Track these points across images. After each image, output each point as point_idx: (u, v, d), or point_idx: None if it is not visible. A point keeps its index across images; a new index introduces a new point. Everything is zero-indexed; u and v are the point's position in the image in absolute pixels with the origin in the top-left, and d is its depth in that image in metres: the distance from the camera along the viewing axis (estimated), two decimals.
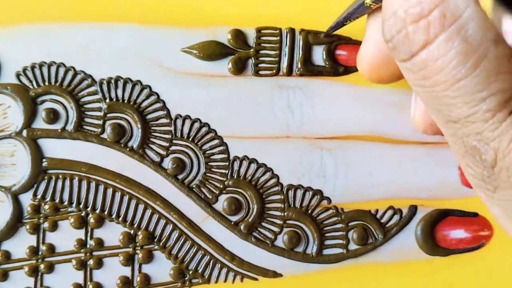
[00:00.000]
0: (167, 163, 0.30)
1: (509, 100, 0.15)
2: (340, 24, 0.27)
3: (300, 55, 0.30)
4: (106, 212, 0.30)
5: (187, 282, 0.30)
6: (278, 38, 0.30)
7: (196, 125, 0.30)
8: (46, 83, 0.30)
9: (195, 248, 0.30)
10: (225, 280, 0.30)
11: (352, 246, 0.30)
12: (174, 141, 0.30)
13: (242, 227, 0.30)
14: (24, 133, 0.30)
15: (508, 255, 0.31)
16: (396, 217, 0.30)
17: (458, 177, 0.30)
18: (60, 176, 0.30)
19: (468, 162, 0.16)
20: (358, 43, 0.30)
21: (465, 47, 0.15)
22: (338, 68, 0.30)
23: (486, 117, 0.15)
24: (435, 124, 0.19)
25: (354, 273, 0.30)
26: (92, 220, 0.30)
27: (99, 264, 0.30)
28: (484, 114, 0.15)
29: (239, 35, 0.30)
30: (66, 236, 0.30)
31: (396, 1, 0.16)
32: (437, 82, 0.16)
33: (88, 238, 0.30)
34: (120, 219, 0.30)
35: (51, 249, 0.30)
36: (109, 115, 0.30)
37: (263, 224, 0.30)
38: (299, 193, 0.30)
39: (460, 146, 0.16)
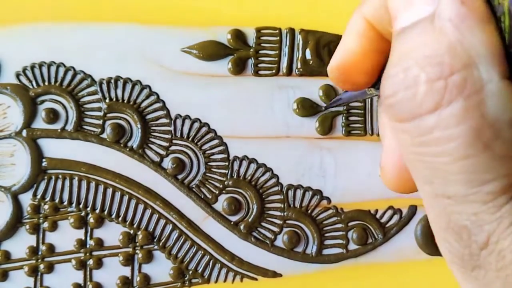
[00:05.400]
0: (167, 163, 0.30)
1: None
2: (344, 102, 0.27)
3: (300, 55, 0.30)
4: (106, 212, 0.30)
5: (187, 282, 0.30)
6: (278, 38, 0.30)
7: (196, 125, 0.30)
8: (46, 83, 0.30)
9: (195, 248, 0.30)
10: (225, 280, 0.30)
11: (352, 246, 0.30)
12: (174, 141, 0.30)
13: (242, 227, 0.30)
14: (24, 133, 0.30)
15: None
16: (396, 217, 0.30)
17: None
18: (60, 176, 0.30)
19: (448, 238, 0.15)
20: None
21: (480, 123, 0.13)
22: None
23: (486, 199, 0.14)
24: (413, 183, 0.17)
25: (354, 273, 0.30)
26: (92, 220, 0.30)
27: (99, 264, 0.30)
28: (485, 196, 0.14)
29: (239, 35, 0.30)
30: (66, 236, 0.30)
31: (411, 57, 0.14)
32: (441, 153, 0.14)
33: (88, 238, 0.30)
34: (120, 219, 0.30)
35: (51, 249, 0.30)
36: (109, 115, 0.30)
37: (263, 224, 0.30)
38: (299, 193, 0.30)
39: (443, 220, 0.15)
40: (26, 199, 0.30)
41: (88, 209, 0.30)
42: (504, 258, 0.14)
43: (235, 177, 0.30)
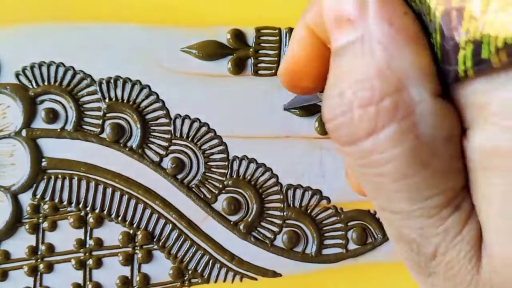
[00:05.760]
0: (167, 163, 0.30)
1: (455, 197, 0.14)
2: (298, 105, 0.29)
3: None
4: (105, 212, 0.30)
5: (187, 282, 0.30)
6: (278, 38, 0.30)
7: (196, 124, 0.30)
8: (46, 83, 0.30)
9: (195, 248, 0.30)
10: (225, 280, 0.30)
11: (352, 246, 0.30)
12: (174, 141, 0.30)
13: (241, 226, 0.30)
14: (24, 132, 0.30)
15: None
16: None
17: None
18: (60, 176, 0.30)
19: (402, 247, 0.16)
20: None
21: (416, 144, 0.13)
22: None
23: (430, 213, 0.14)
24: None
25: (354, 273, 0.30)
26: (91, 220, 0.30)
27: (99, 263, 0.30)
28: (429, 211, 0.14)
29: (238, 35, 0.30)
30: (65, 236, 0.30)
31: (345, 80, 0.14)
32: (381, 174, 0.14)
33: (88, 238, 0.30)
34: (120, 218, 0.30)
35: (51, 248, 0.30)
36: (108, 114, 0.30)
37: (263, 223, 0.30)
38: (299, 192, 0.30)
39: (394, 232, 0.15)
40: (26, 199, 0.30)
41: (88, 209, 0.30)
42: (453, 268, 0.14)
43: (234, 177, 0.30)
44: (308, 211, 0.30)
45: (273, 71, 0.30)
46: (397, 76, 0.13)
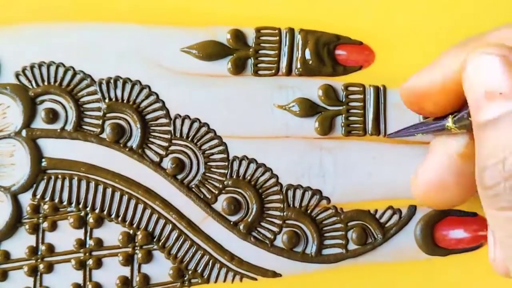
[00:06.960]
0: (167, 163, 0.30)
1: None
2: (410, 134, 0.27)
3: (300, 55, 0.30)
4: (105, 212, 0.30)
5: (187, 282, 0.30)
6: (278, 38, 0.30)
7: (196, 125, 0.30)
8: (46, 83, 0.30)
9: (195, 248, 0.30)
10: (225, 280, 0.30)
11: (351, 246, 0.30)
12: (174, 141, 0.30)
13: (241, 227, 0.30)
14: (24, 133, 0.30)
15: None
16: (395, 217, 0.30)
17: None
18: (60, 176, 0.30)
19: None
20: (357, 43, 0.30)
21: None
22: (337, 68, 0.30)
23: None
24: (438, 201, 0.19)
25: (353, 273, 0.30)
26: (91, 220, 0.30)
27: (99, 264, 0.30)
28: None
29: (238, 35, 0.30)
30: (65, 236, 0.30)
31: (505, 149, 0.15)
32: None
33: (88, 238, 0.30)
34: (120, 219, 0.30)
35: (51, 249, 0.30)
36: (108, 115, 0.30)
37: (263, 224, 0.30)
38: (299, 193, 0.30)
39: None
40: (26, 199, 0.30)
41: (88, 209, 0.30)
42: None
43: (234, 177, 0.30)
44: (308, 211, 0.30)
45: (273, 71, 0.30)
46: None
